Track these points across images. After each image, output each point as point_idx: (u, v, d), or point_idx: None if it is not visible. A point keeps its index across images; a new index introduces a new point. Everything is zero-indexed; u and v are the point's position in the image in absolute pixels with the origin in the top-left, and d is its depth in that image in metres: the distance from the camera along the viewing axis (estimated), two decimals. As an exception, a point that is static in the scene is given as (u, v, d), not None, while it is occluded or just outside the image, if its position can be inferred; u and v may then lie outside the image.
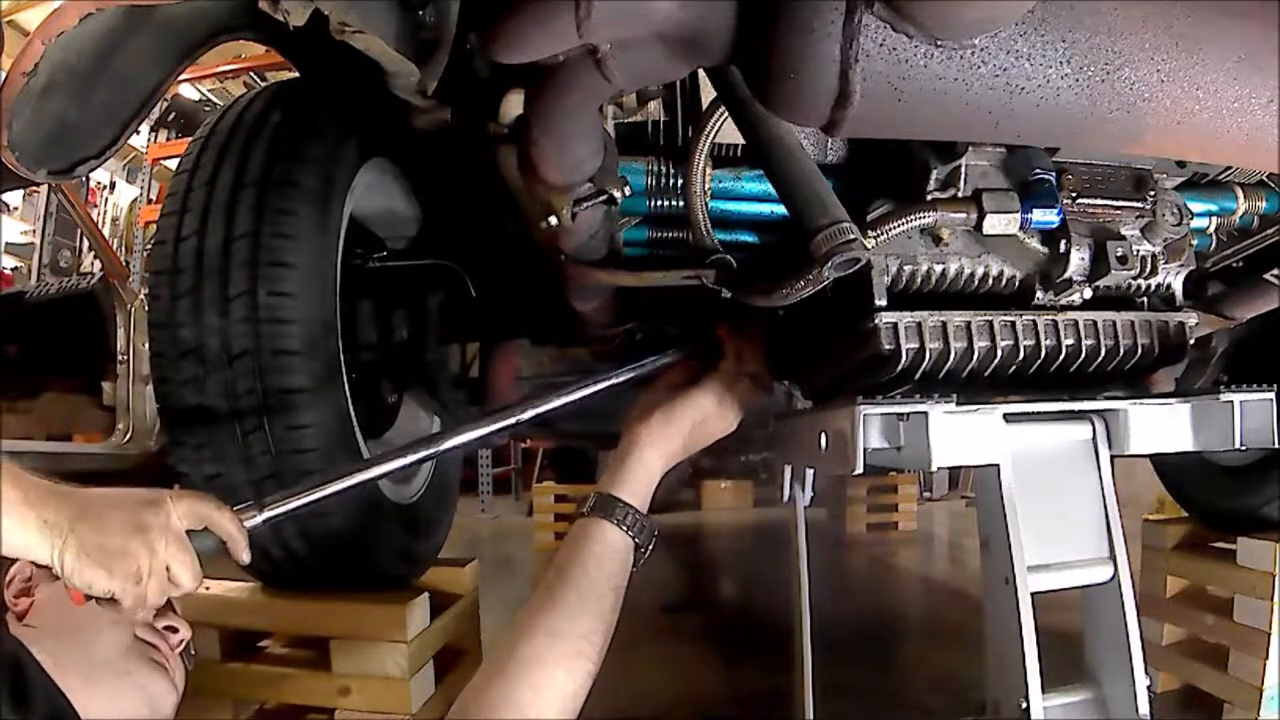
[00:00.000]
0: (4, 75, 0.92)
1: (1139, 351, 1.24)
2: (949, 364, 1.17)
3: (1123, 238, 1.23)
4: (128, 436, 4.13)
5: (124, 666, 0.92)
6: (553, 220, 1.13)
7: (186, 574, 0.84)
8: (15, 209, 7.67)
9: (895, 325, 1.16)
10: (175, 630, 1.00)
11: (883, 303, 1.18)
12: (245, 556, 0.91)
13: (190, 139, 1.47)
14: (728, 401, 1.08)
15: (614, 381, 1.17)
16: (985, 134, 0.78)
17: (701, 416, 1.06)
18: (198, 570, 0.86)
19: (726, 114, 1.11)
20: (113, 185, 7.82)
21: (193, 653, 1.04)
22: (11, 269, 7.31)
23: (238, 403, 1.28)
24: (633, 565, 0.96)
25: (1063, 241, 1.21)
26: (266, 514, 0.94)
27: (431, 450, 1.08)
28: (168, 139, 6.69)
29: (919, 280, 1.24)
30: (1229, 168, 1.38)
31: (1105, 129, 0.79)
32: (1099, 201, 1.23)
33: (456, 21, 1.05)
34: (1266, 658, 1.84)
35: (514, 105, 1.12)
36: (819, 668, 1.54)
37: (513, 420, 1.12)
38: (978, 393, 1.15)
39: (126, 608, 0.81)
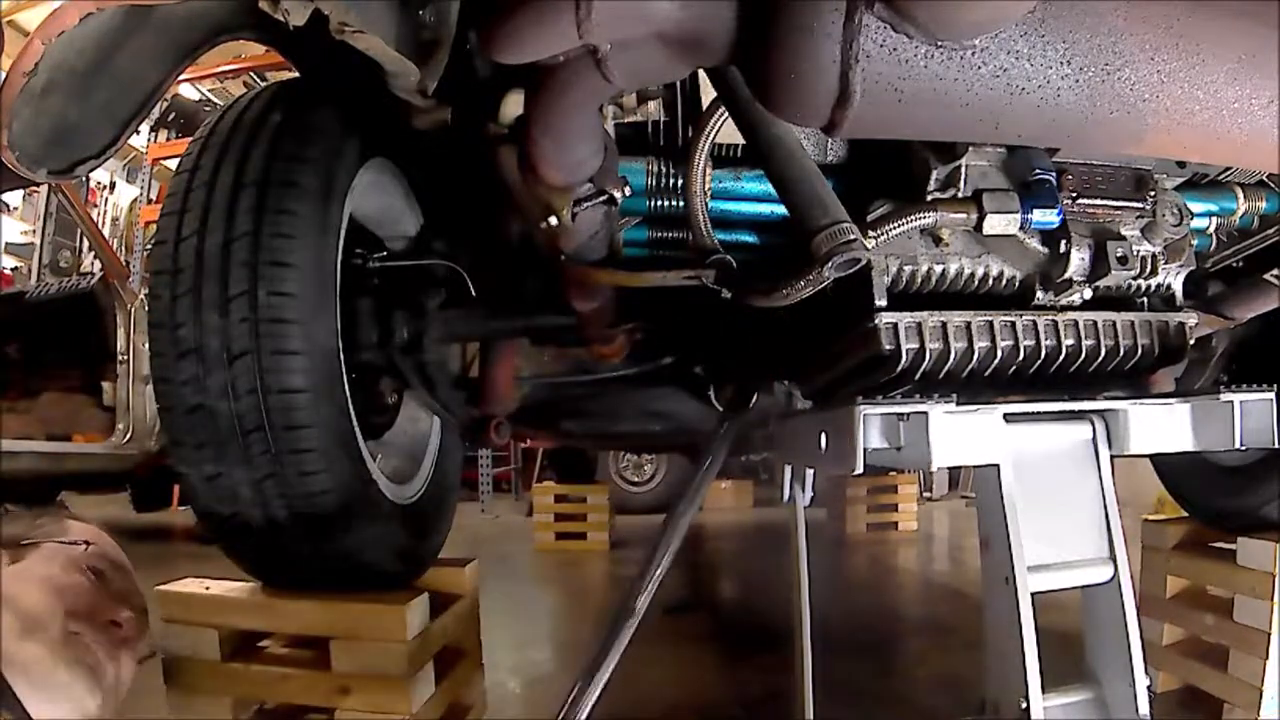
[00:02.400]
0: (4, 75, 0.92)
1: (1139, 351, 1.24)
2: (949, 364, 1.18)
3: (1123, 238, 1.23)
4: (128, 436, 4.14)
5: (48, 667, 0.88)
6: (553, 220, 1.13)
7: None
8: (15, 209, 7.68)
9: (895, 325, 1.16)
10: (119, 625, 0.95)
11: (883, 303, 1.18)
12: None
13: (190, 139, 1.47)
14: None
15: None
16: (986, 134, 0.78)
17: None
18: None
19: (726, 114, 1.11)
20: (113, 185, 7.83)
21: (147, 653, 0.98)
22: (11, 269, 7.32)
23: (238, 403, 1.28)
24: None
25: (1063, 242, 1.21)
26: None
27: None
28: (168, 139, 6.70)
29: (919, 280, 1.24)
30: (1229, 168, 1.38)
31: (1106, 129, 0.79)
32: (1099, 202, 1.23)
33: (456, 21, 1.05)
34: (1266, 658, 1.84)
35: (514, 105, 1.12)
36: (819, 668, 1.54)
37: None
38: (978, 393, 1.15)
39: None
